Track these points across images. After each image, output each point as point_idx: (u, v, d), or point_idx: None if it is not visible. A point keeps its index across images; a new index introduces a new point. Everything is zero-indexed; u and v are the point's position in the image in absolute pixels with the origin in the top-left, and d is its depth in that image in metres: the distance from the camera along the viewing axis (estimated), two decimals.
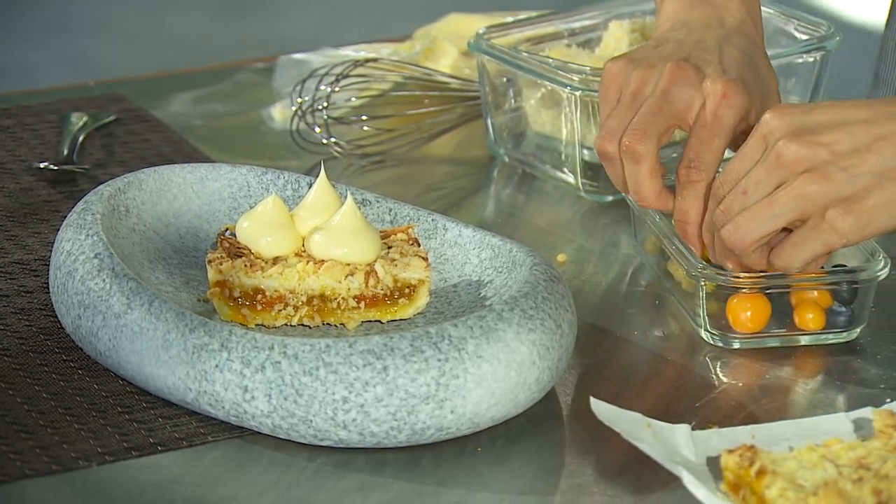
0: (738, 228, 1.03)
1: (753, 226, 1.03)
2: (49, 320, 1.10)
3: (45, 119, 1.39)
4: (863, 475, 0.92)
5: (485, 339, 0.99)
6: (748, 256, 1.05)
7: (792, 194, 1.01)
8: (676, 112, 1.11)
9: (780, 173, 1.02)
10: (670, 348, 1.10)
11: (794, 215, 1.02)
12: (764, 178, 1.02)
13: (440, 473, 0.98)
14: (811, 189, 1.01)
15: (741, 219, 1.03)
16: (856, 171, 1.01)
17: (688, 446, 0.97)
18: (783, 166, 1.02)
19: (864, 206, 1.01)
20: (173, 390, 1.00)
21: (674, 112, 1.11)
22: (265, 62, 1.49)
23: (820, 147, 1.01)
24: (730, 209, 1.04)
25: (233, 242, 1.09)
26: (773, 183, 1.02)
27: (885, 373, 1.08)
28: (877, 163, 1.01)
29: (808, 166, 1.01)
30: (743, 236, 1.03)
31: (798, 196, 1.01)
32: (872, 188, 1.01)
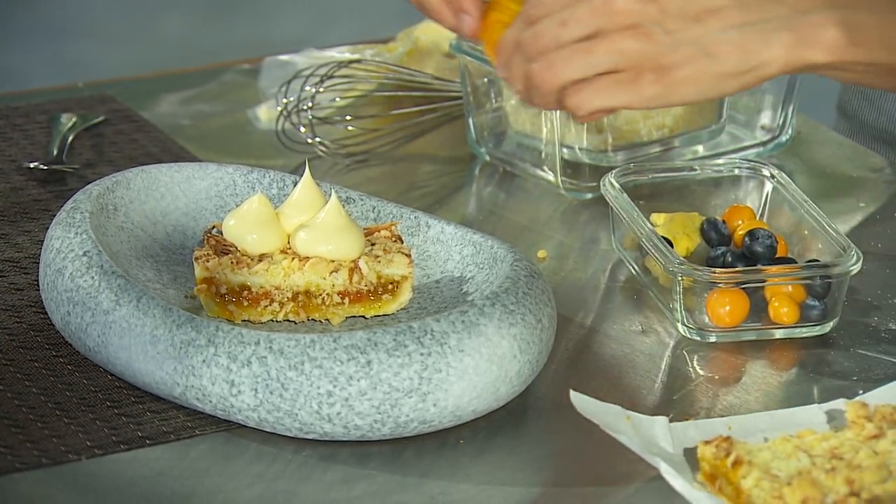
0: (551, 67, 0.99)
1: (567, 69, 0.98)
2: (39, 317, 1.11)
3: (35, 120, 1.40)
4: (836, 465, 0.94)
5: (466, 333, 1.00)
6: (547, 95, 1.00)
7: (612, 47, 0.98)
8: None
9: (605, 19, 0.98)
10: (648, 342, 1.11)
11: (608, 68, 0.98)
12: (586, 19, 0.98)
13: (423, 465, 0.99)
14: (632, 46, 0.97)
15: (556, 58, 0.99)
16: (678, 38, 0.98)
17: (666, 438, 0.98)
18: (611, 13, 0.98)
19: (677, 75, 0.98)
20: (161, 385, 1.02)
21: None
22: (251, 63, 1.50)
23: (651, 4, 0.98)
24: (541, 37, 0.99)
25: (219, 240, 1.10)
26: (594, 26, 0.98)
27: (857, 365, 1.09)
28: (700, 34, 0.98)
29: (634, 20, 0.98)
30: (553, 77, 0.99)
31: (618, 51, 0.98)
32: (689, 59, 0.98)
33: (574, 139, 1.29)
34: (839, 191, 1.31)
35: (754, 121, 1.37)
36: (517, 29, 1.02)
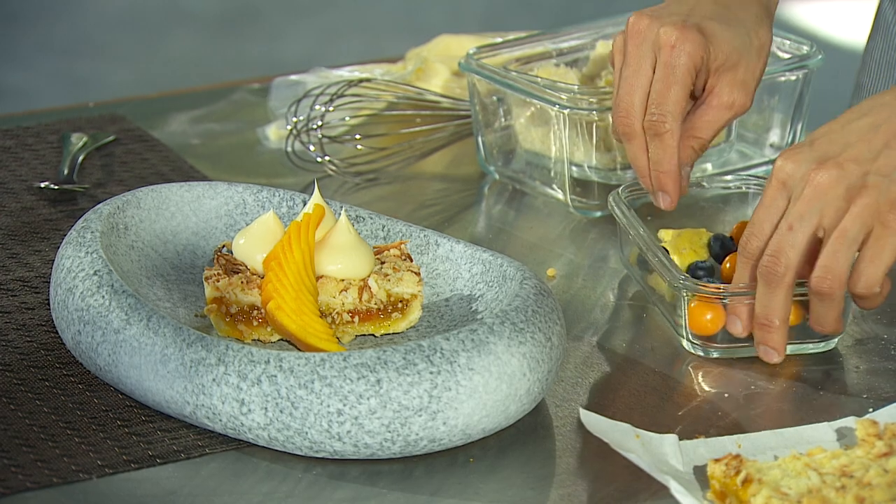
0: (829, 270, 1.03)
1: (843, 261, 1.03)
2: (50, 336, 1.11)
3: (46, 139, 1.40)
4: (846, 483, 0.94)
5: (476, 352, 1.00)
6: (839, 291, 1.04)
7: (852, 216, 1.02)
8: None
9: (821, 201, 1.03)
10: (657, 359, 1.12)
11: (864, 234, 1.03)
12: (806, 211, 1.03)
13: (433, 484, 0.99)
14: (863, 204, 1.02)
15: (825, 261, 1.03)
16: (883, 171, 1.03)
17: (675, 456, 0.98)
18: (822, 193, 1.03)
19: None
20: (171, 404, 1.02)
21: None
22: (261, 83, 1.51)
23: (848, 163, 1.03)
24: (782, 249, 1.04)
25: (229, 259, 1.10)
26: (817, 213, 1.03)
27: (866, 382, 1.09)
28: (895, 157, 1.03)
29: (846, 185, 1.03)
30: (837, 273, 1.03)
31: (858, 215, 1.02)
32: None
33: (583, 158, 1.30)
34: None
35: (763, 139, 1.37)
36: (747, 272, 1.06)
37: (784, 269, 1.04)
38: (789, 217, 1.04)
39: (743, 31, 1.15)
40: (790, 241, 1.04)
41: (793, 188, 1.04)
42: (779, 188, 1.05)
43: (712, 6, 1.15)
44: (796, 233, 1.04)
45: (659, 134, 1.13)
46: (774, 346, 1.07)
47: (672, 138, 1.14)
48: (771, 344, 1.07)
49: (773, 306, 1.06)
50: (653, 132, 1.13)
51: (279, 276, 1.06)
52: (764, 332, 1.07)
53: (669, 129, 1.13)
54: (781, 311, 1.06)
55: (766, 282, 1.05)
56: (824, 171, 1.03)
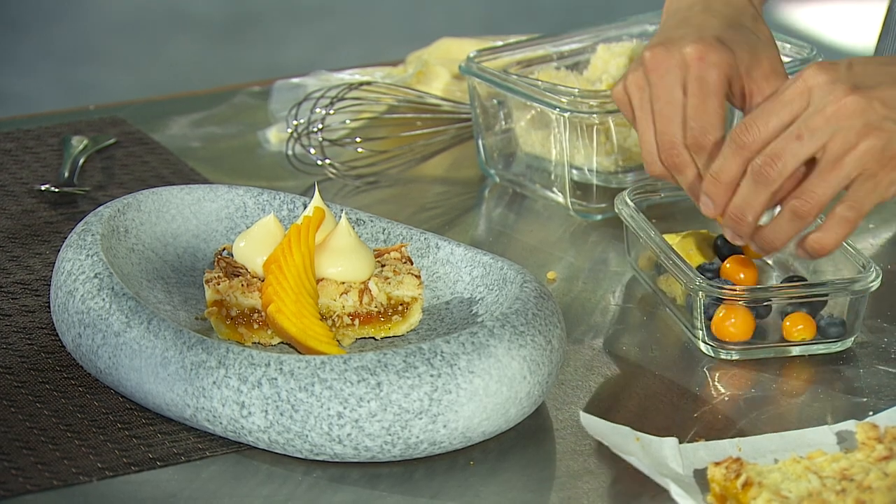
0: (813, 195, 1.02)
1: (827, 190, 1.02)
2: (50, 339, 1.11)
3: (46, 142, 1.41)
4: (846, 486, 0.94)
5: (476, 354, 1.00)
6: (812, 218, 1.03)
7: (857, 154, 1.01)
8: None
9: (838, 124, 1.01)
10: (657, 362, 1.12)
11: (856, 173, 1.02)
12: (821, 127, 1.01)
13: (433, 487, 0.99)
14: (872, 145, 1.01)
15: (813, 184, 1.02)
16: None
17: (675, 459, 0.98)
18: (843, 118, 1.01)
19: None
20: (172, 406, 1.02)
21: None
22: (261, 86, 1.51)
23: (876, 101, 1.02)
24: (783, 154, 1.02)
25: (230, 262, 1.10)
26: (829, 134, 1.01)
27: (867, 385, 1.09)
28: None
29: (865, 120, 1.01)
30: (817, 199, 1.02)
31: (862, 154, 1.01)
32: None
33: (583, 161, 1.30)
34: None
35: None
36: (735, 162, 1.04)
37: (777, 175, 1.03)
38: (802, 126, 1.02)
39: (748, 31, 1.15)
40: (794, 149, 1.02)
41: (816, 99, 1.02)
42: (802, 92, 1.03)
43: (714, 19, 1.15)
44: (804, 144, 1.02)
45: (706, 148, 1.09)
46: (742, 235, 1.06)
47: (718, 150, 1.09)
48: (739, 232, 1.06)
49: (752, 203, 1.04)
50: (699, 149, 1.09)
51: (279, 279, 1.06)
52: (734, 223, 1.05)
53: (714, 140, 1.09)
54: (758, 210, 1.04)
55: (754, 180, 1.03)
56: (854, 97, 1.01)
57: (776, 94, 1.04)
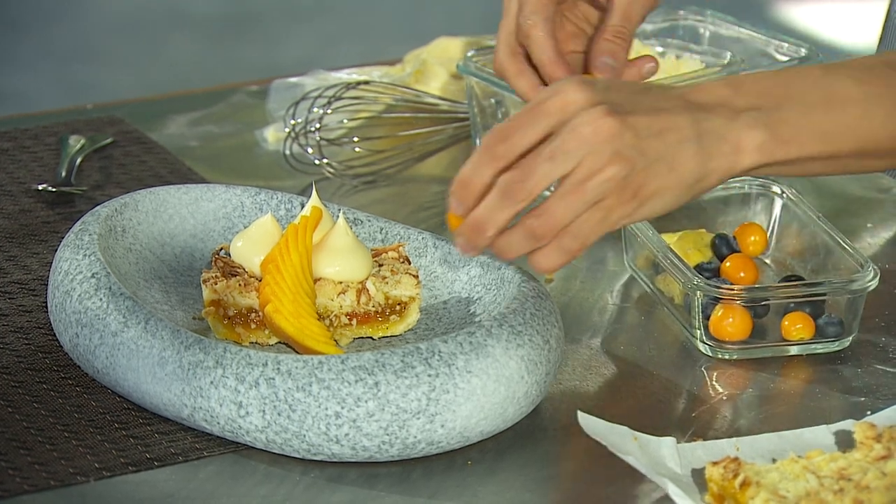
0: (552, 217, 0.99)
1: (566, 214, 0.99)
2: (47, 339, 1.11)
3: (44, 142, 1.40)
4: (844, 486, 0.94)
5: (474, 354, 1.00)
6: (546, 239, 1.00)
7: (600, 179, 0.98)
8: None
9: (591, 147, 0.98)
10: (656, 362, 1.12)
11: (596, 200, 0.99)
12: (575, 149, 0.98)
13: (431, 486, 0.99)
14: (616, 172, 0.98)
15: (551, 205, 0.98)
16: (649, 157, 0.99)
17: (673, 459, 0.98)
18: (597, 142, 0.98)
19: (647, 192, 1.00)
20: (169, 406, 1.02)
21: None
22: (259, 85, 1.51)
23: (629, 129, 0.99)
24: (533, 174, 0.98)
25: (227, 262, 1.10)
26: (581, 155, 0.98)
27: (865, 385, 1.09)
28: (664, 150, 0.99)
29: (615, 147, 0.98)
30: (555, 222, 0.99)
31: (605, 181, 0.98)
32: (657, 175, 0.99)
33: None
34: (847, 211, 1.31)
35: None
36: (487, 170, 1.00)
37: (526, 196, 0.99)
38: (556, 146, 0.98)
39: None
40: (545, 170, 0.98)
41: (572, 116, 0.99)
42: (560, 108, 0.99)
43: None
44: (555, 165, 0.98)
45: (528, 35, 1.09)
46: (475, 247, 1.01)
47: (538, 30, 1.08)
48: (474, 243, 1.01)
49: (495, 218, 0.99)
50: (525, 37, 1.09)
51: (276, 278, 1.06)
52: (472, 233, 1.00)
53: (533, 23, 1.08)
54: (500, 226, 1.00)
55: (502, 195, 0.99)
56: (611, 120, 0.98)
57: (534, 103, 1.00)
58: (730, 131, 1.01)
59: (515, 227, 1.00)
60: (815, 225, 1.18)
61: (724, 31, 1.41)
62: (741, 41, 1.40)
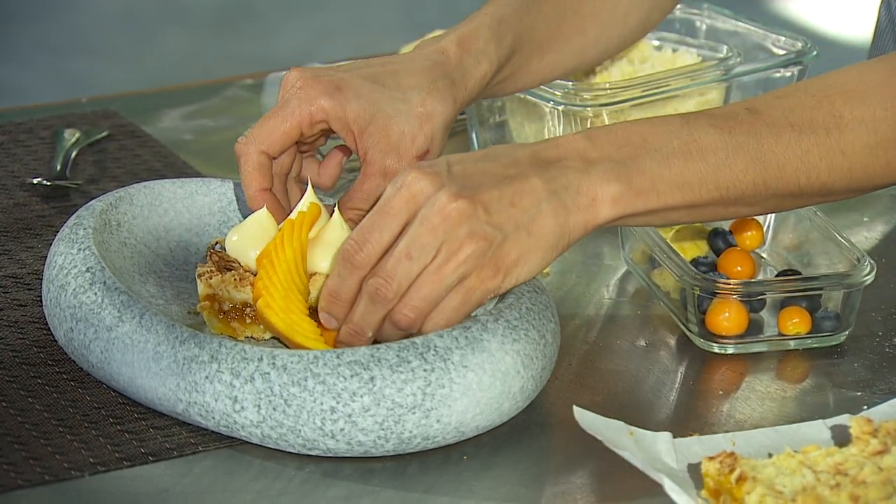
0: (415, 308, 1.00)
1: (426, 304, 1.00)
2: (42, 333, 1.11)
3: (38, 135, 1.40)
4: (840, 481, 0.94)
5: (470, 349, 1.00)
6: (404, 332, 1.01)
7: (457, 262, 0.99)
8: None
9: (445, 234, 0.99)
10: (653, 357, 1.12)
11: (457, 280, 1.00)
12: (430, 242, 0.99)
13: (427, 481, 0.99)
14: (473, 251, 0.99)
15: (414, 299, 0.99)
16: (505, 229, 1.00)
17: (669, 453, 0.98)
18: (450, 227, 0.99)
19: (509, 261, 1.00)
20: (164, 401, 1.02)
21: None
22: (254, 79, 1.51)
23: (479, 205, 0.99)
24: (393, 278, 0.99)
25: (222, 256, 1.10)
26: (437, 245, 0.99)
27: (861, 380, 1.09)
28: (519, 217, 1.00)
29: (469, 227, 0.99)
30: (416, 316, 1.00)
31: (463, 262, 0.99)
32: (516, 244, 1.00)
33: None
34: (842, 205, 1.31)
35: None
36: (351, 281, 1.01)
37: (394, 295, 1.00)
38: (411, 243, 0.99)
39: (399, 95, 1.10)
40: (406, 269, 0.99)
41: (422, 209, 0.99)
42: (407, 201, 1.00)
43: (375, 69, 1.12)
44: (414, 262, 0.99)
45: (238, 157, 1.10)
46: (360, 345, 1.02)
47: (245, 163, 1.10)
48: (357, 344, 1.02)
49: (369, 321, 1.01)
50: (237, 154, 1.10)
51: (269, 273, 1.06)
52: (352, 339, 1.03)
53: (240, 149, 1.10)
54: (376, 326, 1.01)
55: (371, 300, 1.00)
56: (460, 203, 0.99)
57: (381, 204, 1.00)
58: (584, 184, 1.01)
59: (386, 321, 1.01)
60: (812, 219, 1.18)
61: (721, 24, 1.41)
62: (738, 34, 1.39)
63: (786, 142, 1.03)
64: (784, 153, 1.03)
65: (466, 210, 0.99)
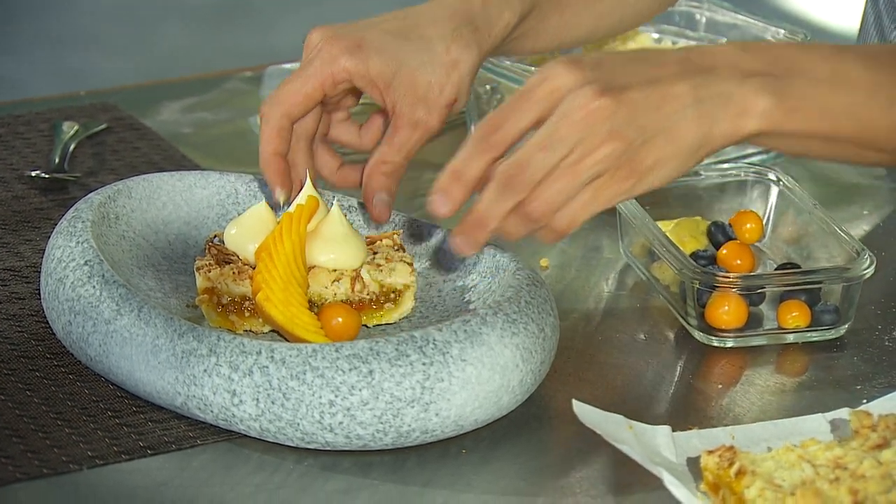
0: (547, 201, 0.97)
1: (559, 197, 0.97)
2: (40, 326, 1.11)
3: (37, 128, 1.40)
4: (839, 475, 0.94)
5: (469, 342, 1.00)
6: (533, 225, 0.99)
7: (594, 160, 0.96)
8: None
9: (586, 131, 0.96)
10: (652, 350, 1.11)
11: (593, 177, 0.97)
12: (568, 136, 0.96)
13: (425, 475, 0.99)
14: (611, 151, 0.97)
15: (547, 191, 0.97)
16: (647, 131, 0.97)
17: (668, 447, 0.98)
18: (591, 125, 0.96)
19: (646, 164, 0.98)
20: (162, 394, 1.01)
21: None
22: (253, 71, 1.50)
23: (623, 105, 0.97)
24: (529, 164, 0.96)
25: (221, 249, 1.10)
26: (575, 140, 0.96)
27: (861, 373, 1.09)
28: (662, 121, 0.97)
29: (611, 126, 0.96)
30: (547, 207, 0.97)
31: (600, 161, 0.96)
32: (656, 147, 0.98)
33: None
34: (843, 198, 1.31)
35: None
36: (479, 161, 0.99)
37: (526, 185, 0.97)
38: (549, 135, 0.96)
39: (423, 46, 1.09)
40: (541, 160, 0.97)
41: (564, 102, 0.97)
42: (550, 92, 0.97)
43: (396, 22, 1.11)
44: (549, 155, 0.96)
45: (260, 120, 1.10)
46: (475, 244, 1.00)
47: (266, 126, 1.09)
48: (474, 240, 1.00)
49: (496, 211, 0.98)
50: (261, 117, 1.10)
51: (269, 267, 1.05)
52: (473, 230, 0.99)
53: (265, 114, 1.09)
54: (500, 219, 0.98)
55: (501, 187, 0.97)
56: (604, 101, 0.96)
57: (523, 90, 0.98)
58: (737, 94, 0.98)
59: (512, 213, 0.99)
60: (812, 212, 1.18)
61: (721, 17, 1.41)
62: (738, 27, 1.39)
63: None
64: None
65: (610, 108, 0.96)
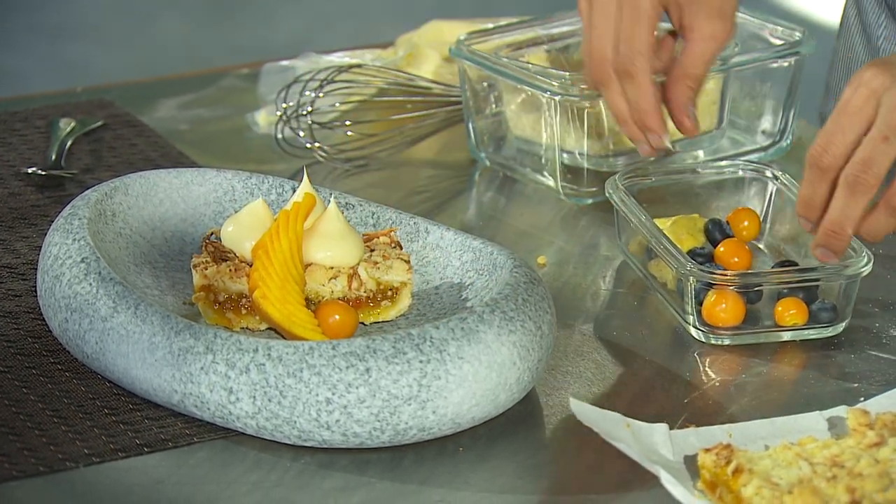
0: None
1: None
2: (37, 323, 1.11)
3: (34, 124, 1.40)
4: (837, 473, 0.94)
5: (466, 340, 1.00)
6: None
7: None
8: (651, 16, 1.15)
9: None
10: (649, 348, 1.11)
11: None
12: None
13: (422, 473, 0.99)
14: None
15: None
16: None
17: (666, 445, 0.98)
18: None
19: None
20: (159, 392, 1.01)
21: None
22: (250, 68, 1.50)
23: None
24: (873, 158, 1.04)
25: (218, 246, 1.10)
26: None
27: (858, 371, 1.09)
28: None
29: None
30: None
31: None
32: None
33: (574, 144, 1.29)
34: None
35: (755, 125, 1.37)
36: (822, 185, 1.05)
37: (874, 180, 1.04)
38: (883, 127, 1.03)
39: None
40: (884, 150, 1.03)
41: (885, 100, 1.04)
42: (868, 97, 1.04)
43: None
44: (891, 144, 1.03)
45: (631, 75, 1.14)
46: (837, 251, 1.08)
47: (644, 76, 1.14)
48: (834, 248, 1.08)
49: (850, 215, 1.06)
50: (624, 74, 1.14)
51: (265, 264, 1.05)
52: (831, 238, 1.07)
53: (640, 67, 1.14)
54: (855, 220, 1.06)
55: (851, 190, 1.05)
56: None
57: (840, 106, 1.05)
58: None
59: (876, 209, 1.05)
60: None
61: None
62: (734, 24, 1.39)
63: None
64: None
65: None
